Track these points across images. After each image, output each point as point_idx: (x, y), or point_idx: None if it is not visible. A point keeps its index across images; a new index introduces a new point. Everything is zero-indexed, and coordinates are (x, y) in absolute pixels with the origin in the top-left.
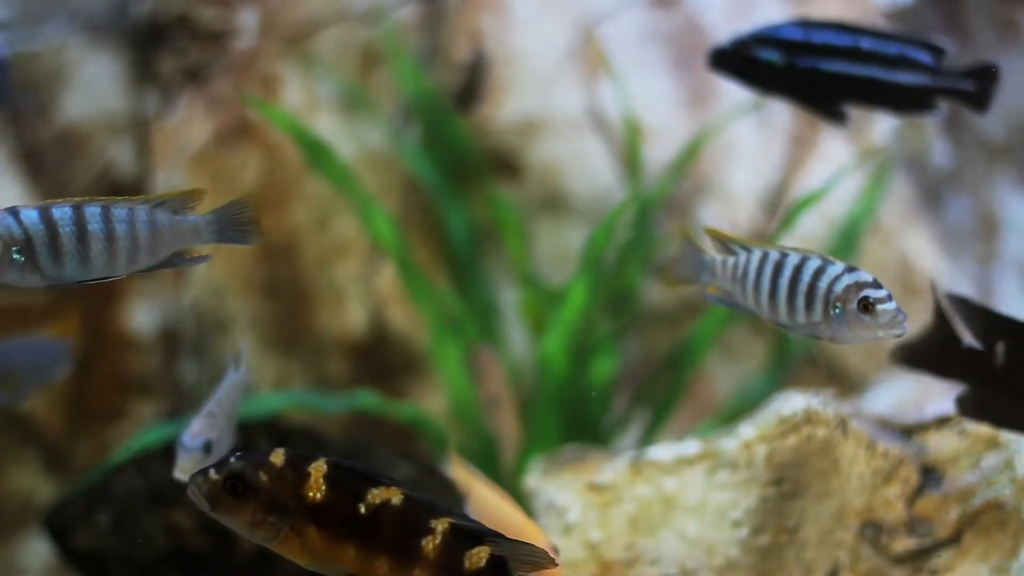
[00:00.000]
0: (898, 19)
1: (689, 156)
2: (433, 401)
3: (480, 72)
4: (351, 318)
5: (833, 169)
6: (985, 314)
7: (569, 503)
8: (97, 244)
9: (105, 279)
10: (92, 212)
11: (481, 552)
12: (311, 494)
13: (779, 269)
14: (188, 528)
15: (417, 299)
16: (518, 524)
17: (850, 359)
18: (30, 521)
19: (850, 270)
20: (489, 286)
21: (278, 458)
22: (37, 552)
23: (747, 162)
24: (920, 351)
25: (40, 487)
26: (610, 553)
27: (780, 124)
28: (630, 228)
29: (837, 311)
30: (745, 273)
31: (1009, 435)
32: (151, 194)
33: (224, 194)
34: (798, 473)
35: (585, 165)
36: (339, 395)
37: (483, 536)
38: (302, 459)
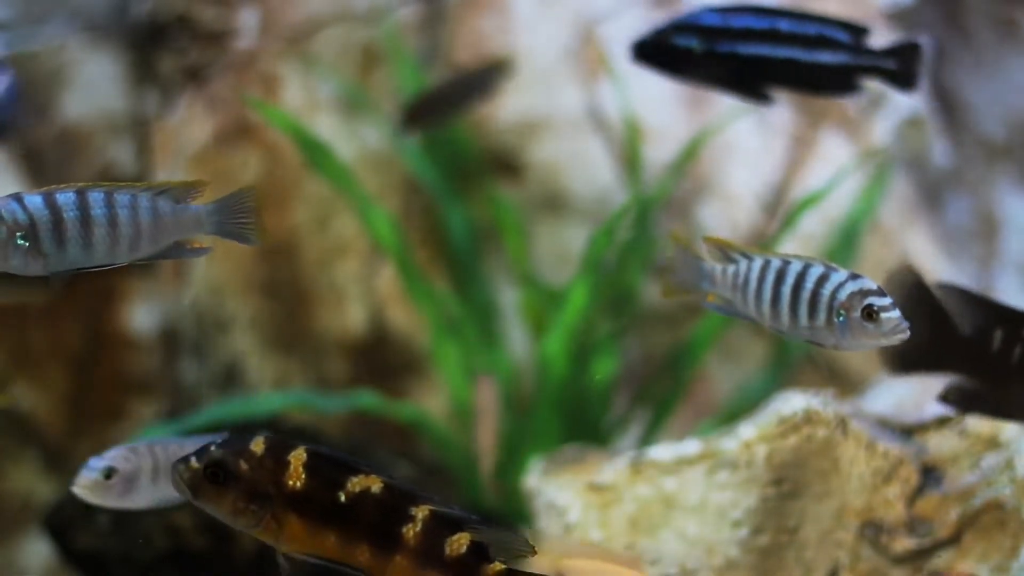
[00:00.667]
0: (898, 19)
1: (689, 156)
2: (433, 401)
3: (499, 72)
4: (351, 318)
5: (833, 169)
6: (978, 302)
7: (569, 503)
8: (100, 229)
9: (106, 266)
10: (95, 197)
11: (462, 539)
12: (291, 482)
13: (781, 276)
14: (188, 528)
15: (417, 299)
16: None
17: (850, 359)
18: (30, 521)
19: (854, 277)
20: (489, 286)
21: (258, 446)
22: (37, 552)
23: (747, 162)
24: (913, 351)
25: (40, 487)
26: None
27: (780, 124)
28: (630, 228)
29: (841, 319)
30: (747, 281)
31: (1009, 435)
32: (154, 182)
33: (224, 194)
34: (798, 473)
35: (585, 165)
36: (339, 395)
37: (464, 523)
38: (282, 447)
